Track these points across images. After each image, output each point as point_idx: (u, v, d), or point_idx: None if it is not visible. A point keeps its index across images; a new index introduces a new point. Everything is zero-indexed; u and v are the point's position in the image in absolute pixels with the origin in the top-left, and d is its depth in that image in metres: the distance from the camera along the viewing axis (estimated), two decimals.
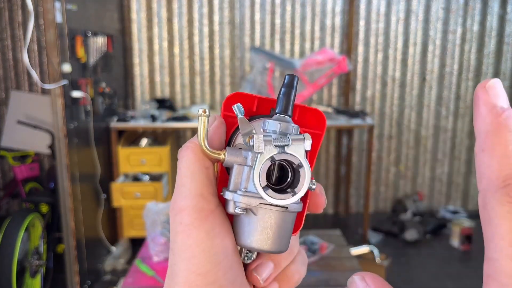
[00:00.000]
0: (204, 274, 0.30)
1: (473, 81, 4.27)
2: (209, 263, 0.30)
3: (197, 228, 0.31)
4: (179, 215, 0.31)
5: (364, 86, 4.24)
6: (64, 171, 2.61)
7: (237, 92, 0.35)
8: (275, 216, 0.31)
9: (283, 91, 0.33)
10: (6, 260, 2.46)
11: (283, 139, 0.30)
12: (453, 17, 4.14)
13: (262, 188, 0.30)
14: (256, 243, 0.32)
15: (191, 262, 0.31)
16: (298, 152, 0.30)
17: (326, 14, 4.11)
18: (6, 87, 4.03)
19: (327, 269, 2.02)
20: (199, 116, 0.32)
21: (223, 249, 0.31)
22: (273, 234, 0.32)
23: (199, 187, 0.32)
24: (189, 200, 0.31)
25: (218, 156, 0.32)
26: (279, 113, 0.32)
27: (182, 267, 0.31)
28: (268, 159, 0.30)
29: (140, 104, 4.06)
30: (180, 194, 0.32)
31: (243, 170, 0.32)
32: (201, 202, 0.31)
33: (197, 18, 4.05)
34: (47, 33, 2.48)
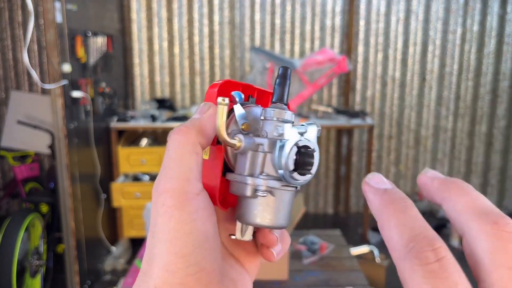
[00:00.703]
0: (184, 256, 0.30)
1: (473, 81, 4.27)
2: (190, 245, 0.30)
3: (180, 210, 0.30)
4: (162, 196, 0.31)
5: (364, 86, 4.24)
6: (64, 171, 2.61)
7: (227, 80, 0.36)
8: (290, 196, 0.34)
9: (278, 82, 0.35)
10: (6, 260, 2.46)
11: (302, 127, 0.33)
12: (453, 17, 4.14)
13: (289, 171, 0.32)
14: (275, 221, 0.34)
15: (172, 244, 0.30)
16: (313, 138, 0.34)
17: (326, 14, 4.11)
18: (6, 87, 4.03)
19: (327, 269, 2.02)
20: (219, 105, 0.33)
21: (204, 232, 0.31)
22: (285, 212, 0.35)
23: (186, 171, 0.32)
24: (174, 182, 0.31)
25: (235, 143, 0.33)
26: (276, 101, 0.35)
27: (162, 249, 0.30)
28: (294, 145, 0.32)
29: (140, 104, 4.06)
30: (165, 175, 0.32)
31: (258, 156, 0.34)
32: (186, 186, 0.31)
33: (197, 18, 4.05)
34: (47, 33, 2.48)
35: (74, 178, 2.70)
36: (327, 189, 4.46)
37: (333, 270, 2.01)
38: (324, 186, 4.45)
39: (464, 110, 4.32)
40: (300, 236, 2.26)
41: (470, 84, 4.28)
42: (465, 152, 4.40)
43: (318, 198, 4.47)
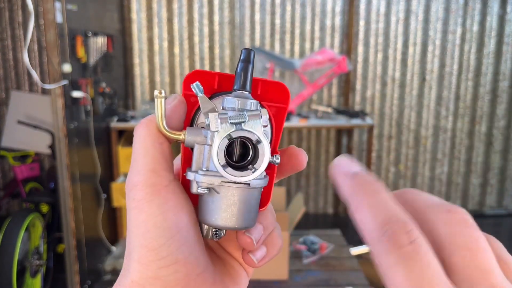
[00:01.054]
0: (157, 248, 0.30)
1: (473, 81, 4.28)
2: (161, 237, 0.30)
3: (149, 203, 0.30)
4: (133, 191, 0.31)
5: (364, 86, 4.25)
6: (64, 171, 2.61)
7: (196, 70, 0.34)
8: (238, 193, 0.31)
9: (240, 66, 0.32)
10: (7, 260, 2.46)
11: (239, 116, 0.30)
12: (453, 17, 4.15)
13: (221, 166, 0.30)
14: (221, 221, 0.31)
15: (144, 237, 0.30)
16: (256, 128, 0.30)
17: (326, 14, 4.11)
18: (7, 87, 4.04)
19: (327, 269, 2.02)
20: (156, 98, 0.31)
21: (176, 224, 0.30)
22: (237, 211, 0.31)
23: (151, 162, 0.31)
24: (141, 175, 0.31)
25: (178, 137, 0.32)
26: (237, 89, 0.32)
27: (136, 243, 0.30)
28: (225, 137, 0.30)
29: (140, 104, 4.06)
30: (133, 170, 0.32)
31: (204, 149, 0.32)
32: (153, 177, 0.31)
33: (197, 18, 4.06)
34: (47, 33, 2.49)
35: (74, 178, 2.70)
36: (327, 189, 4.46)
37: (333, 270, 2.01)
38: (324, 186, 4.45)
39: (464, 110, 4.32)
40: (300, 236, 2.26)
41: (470, 84, 4.28)
42: (465, 152, 4.40)
43: (318, 198, 4.47)
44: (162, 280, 0.30)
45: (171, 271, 0.30)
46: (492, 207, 4.50)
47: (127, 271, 0.31)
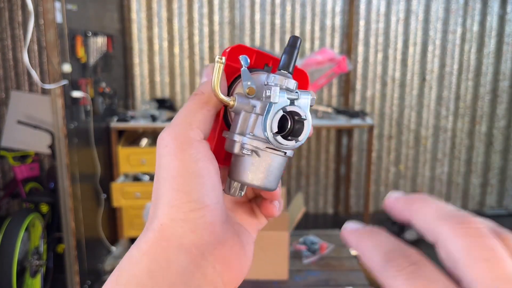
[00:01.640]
0: (188, 192, 0.31)
1: (473, 81, 4.27)
2: (192, 182, 0.31)
3: (182, 151, 0.32)
4: (166, 139, 0.33)
5: (364, 86, 4.25)
6: (64, 171, 2.61)
7: (240, 45, 0.37)
8: (276, 159, 0.35)
9: (287, 50, 0.36)
10: (6, 260, 2.46)
11: (294, 93, 0.34)
12: (453, 17, 4.15)
13: (272, 134, 0.33)
14: (257, 181, 0.35)
15: (175, 181, 0.31)
16: (305, 106, 0.34)
17: (326, 14, 4.11)
18: (6, 87, 4.04)
19: (327, 269, 2.02)
20: (216, 62, 0.34)
21: (206, 171, 0.32)
22: (270, 174, 0.35)
23: (191, 118, 0.34)
24: (178, 126, 0.33)
25: (229, 102, 0.34)
26: (281, 69, 0.35)
27: (166, 187, 0.32)
28: (281, 109, 0.33)
29: (140, 104, 4.06)
30: (171, 124, 0.34)
31: (250, 117, 0.35)
32: (188, 131, 0.33)
33: (197, 18, 4.06)
34: (47, 33, 2.49)
35: (74, 178, 2.70)
36: (327, 189, 4.46)
37: (333, 270, 2.01)
38: (324, 186, 4.45)
39: (464, 110, 4.32)
40: (300, 236, 2.26)
41: (470, 84, 4.28)
42: (465, 152, 4.40)
43: (318, 198, 4.47)
44: (191, 223, 0.31)
45: (200, 214, 0.31)
46: (492, 207, 4.50)
47: (155, 216, 0.32)
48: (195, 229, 0.31)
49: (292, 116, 0.34)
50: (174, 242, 0.31)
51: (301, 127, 0.34)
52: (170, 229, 0.31)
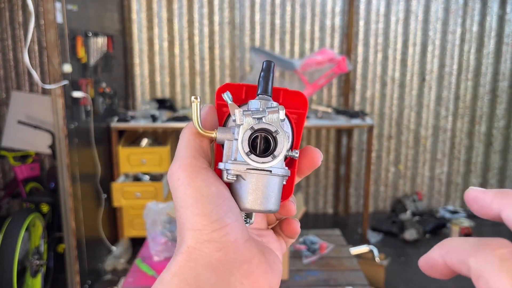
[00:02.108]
0: (207, 214, 0.33)
1: (473, 81, 4.28)
2: (209, 205, 0.33)
3: (194, 179, 0.34)
4: (176, 174, 0.35)
5: (363, 86, 4.25)
6: (65, 171, 2.61)
7: (226, 84, 0.39)
8: (262, 179, 0.36)
9: (262, 75, 0.37)
10: (7, 259, 2.47)
11: (260, 112, 0.35)
12: (453, 18, 4.15)
13: (245, 153, 0.34)
14: (249, 204, 0.36)
15: (194, 207, 0.33)
16: (274, 122, 0.35)
17: (326, 14, 4.11)
18: (7, 87, 4.04)
19: (327, 269, 2.03)
20: (192, 103, 0.36)
21: (220, 193, 0.34)
22: (261, 195, 0.36)
23: (192, 151, 0.36)
24: (183, 159, 0.35)
25: (211, 135, 0.37)
26: (260, 93, 0.37)
27: (187, 214, 0.34)
28: (248, 129, 0.35)
29: (141, 104, 4.06)
30: (176, 158, 0.36)
31: (232, 144, 0.36)
32: (194, 161, 0.35)
33: (197, 19, 4.06)
34: (47, 34, 2.49)
35: (74, 178, 2.71)
36: (326, 189, 4.47)
37: (333, 269, 2.02)
38: (324, 186, 4.46)
39: (463, 110, 4.32)
40: (300, 236, 2.26)
41: (470, 84, 4.29)
42: (464, 152, 4.41)
43: (318, 198, 4.48)
44: (215, 242, 0.33)
45: (222, 233, 0.33)
46: None
47: (182, 242, 0.34)
48: (220, 248, 0.33)
49: (263, 133, 0.35)
50: (202, 261, 0.33)
51: (274, 142, 0.35)
52: (197, 251, 0.33)
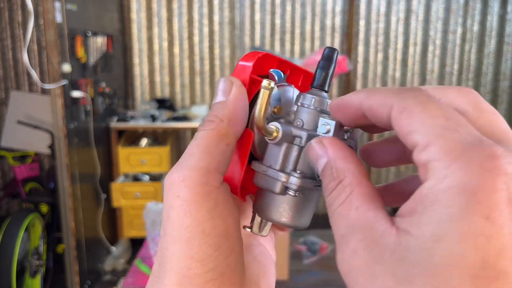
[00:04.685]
0: (203, 260, 0.26)
1: (473, 81, 4.27)
2: (209, 246, 0.26)
3: (198, 205, 0.26)
4: (177, 187, 0.27)
5: (364, 86, 4.24)
6: (64, 171, 2.61)
7: (266, 53, 0.31)
8: (318, 196, 0.31)
9: (322, 64, 0.30)
10: (6, 260, 2.46)
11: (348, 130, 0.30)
12: (453, 17, 4.14)
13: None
14: (297, 221, 0.31)
15: (189, 246, 0.26)
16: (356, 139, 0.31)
17: (326, 14, 4.11)
18: (6, 87, 4.03)
19: (327, 269, 2.02)
20: (264, 89, 0.28)
21: (225, 231, 0.27)
22: (311, 211, 0.31)
23: (208, 160, 0.27)
24: (193, 171, 0.27)
25: (273, 133, 0.29)
26: (316, 87, 0.31)
27: (177, 251, 0.26)
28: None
29: (140, 104, 4.06)
30: (183, 163, 0.28)
31: (293, 149, 0.30)
32: (205, 176, 0.27)
33: (197, 18, 4.05)
34: (47, 33, 2.48)
35: (74, 178, 2.70)
36: None
37: (333, 270, 2.01)
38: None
39: None
40: (300, 236, 2.26)
41: (470, 84, 4.28)
42: None
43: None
44: None
45: (216, 285, 0.26)
46: None
47: (161, 282, 0.27)
48: None
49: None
50: None
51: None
52: None
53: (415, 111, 0.22)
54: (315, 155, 0.26)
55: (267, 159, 0.30)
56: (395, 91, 0.23)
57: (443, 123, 0.21)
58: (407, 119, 0.22)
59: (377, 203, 0.23)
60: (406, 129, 0.22)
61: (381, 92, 0.24)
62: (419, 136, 0.21)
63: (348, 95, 0.26)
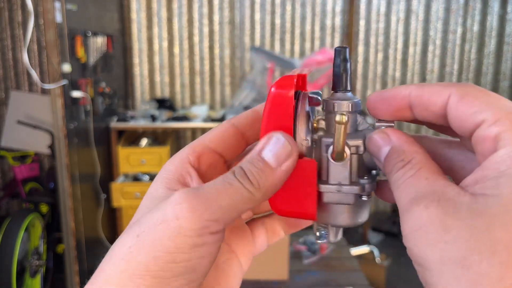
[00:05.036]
0: (159, 276, 0.24)
1: (473, 81, 4.27)
2: (169, 271, 0.24)
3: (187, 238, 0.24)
4: (183, 212, 0.25)
5: (364, 86, 4.24)
6: (64, 171, 2.61)
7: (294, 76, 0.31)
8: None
9: (340, 66, 0.30)
10: (6, 260, 2.46)
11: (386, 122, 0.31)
12: (453, 17, 4.14)
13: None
14: (363, 218, 0.33)
15: (154, 261, 0.24)
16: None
17: (326, 14, 4.11)
18: (6, 87, 4.03)
19: (327, 269, 2.02)
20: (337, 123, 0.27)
21: (194, 268, 0.25)
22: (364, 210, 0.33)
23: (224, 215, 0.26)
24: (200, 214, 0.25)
25: (344, 158, 0.29)
26: (341, 90, 0.31)
27: (140, 260, 0.24)
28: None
29: (140, 104, 4.06)
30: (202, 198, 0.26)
31: (354, 159, 0.30)
32: (211, 223, 0.25)
33: (197, 18, 4.05)
34: (47, 33, 2.48)
35: (74, 178, 2.70)
36: None
37: (333, 270, 2.01)
38: None
39: None
40: (300, 236, 2.26)
41: None
42: None
43: None
44: None
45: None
46: None
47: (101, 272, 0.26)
48: None
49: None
50: None
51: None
52: None
53: (479, 95, 0.25)
54: (378, 145, 0.28)
55: (333, 177, 0.30)
56: (450, 83, 0.26)
57: (508, 104, 0.23)
58: (471, 102, 0.24)
59: (445, 176, 0.24)
60: (470, 110, 0.24)
61: (434, 84, 0.26)
62: (487, 113, 0.23)
63: (394, 88, 0.28)
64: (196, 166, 0.30)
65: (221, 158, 0.31)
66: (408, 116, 0.27)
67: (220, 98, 4.17)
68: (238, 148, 0.32)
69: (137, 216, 0.28)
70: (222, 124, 0.31)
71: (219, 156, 0.31)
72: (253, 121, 0.32)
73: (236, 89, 4.09)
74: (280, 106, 0.29)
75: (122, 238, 0.26)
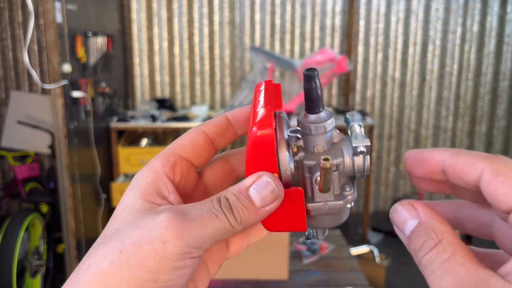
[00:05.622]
0: (133, 282, 0.26)
1: (473, 81, 4.27)
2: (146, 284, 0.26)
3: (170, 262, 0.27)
4: (170, 238, 0.27)
5: (364, 86, 4.25)
6: (64, 171, 2.61)
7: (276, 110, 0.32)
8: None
9: (309, 88, 0.31)
10: (6, 260, 2.46)
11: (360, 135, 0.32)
12: (453, 17, 4.14)
13: (361, 175, 0.33)
14: (346, 217, 0.35)
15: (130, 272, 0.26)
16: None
17: (326, 14, 4.11)
18: (6, 87, 4.03)
19: (327, 269, 2.02)
20: (322, 168, 0.28)
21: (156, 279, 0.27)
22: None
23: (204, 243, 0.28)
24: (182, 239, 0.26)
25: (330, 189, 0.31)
26: (314, 112, 0.31)
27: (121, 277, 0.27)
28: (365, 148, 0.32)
29: (140, 104, 4.06)
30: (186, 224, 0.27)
31: (335, 177, 0.32)
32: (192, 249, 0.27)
33: (197, 18, 4.06)
34: (47, 33, 2.48)
35: (74, 178, 2.70)
36: None
37: (333, 270, 2.01)
38: None
39: (464, 110, 4.32)
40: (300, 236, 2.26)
41: (470, 84, 4.28)
42: None
43: None
44: None
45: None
46: None
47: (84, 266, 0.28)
48: None
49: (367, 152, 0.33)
50: None
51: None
52: None
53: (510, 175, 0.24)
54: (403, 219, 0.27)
55: (319, 196, 0.32)
56: (483, 155, 0.25)
57: None
58: (503, 182, 0.24)
59: (478, 261, 0.24)
60: (502, 191, 0.24)
61: (468, 154, 0.26)
62: None
63: (429, 151, 0.28)
64: (171, 177, 0.31)
65: (192, 166, 0.33)
66: (442, 177, 0.28)
67: (220, 98, 4.17)
68: (208, 156, 0.33)
69: (114, 226, 0.29)
70: (193, 131, 0.33)
71: (191, 164, 0.33)
72: (223, 130, 0.33)
73: (236, 89, 4.09)
74: (264, 147, 0.30)
75: (101, 250, 0.28)
